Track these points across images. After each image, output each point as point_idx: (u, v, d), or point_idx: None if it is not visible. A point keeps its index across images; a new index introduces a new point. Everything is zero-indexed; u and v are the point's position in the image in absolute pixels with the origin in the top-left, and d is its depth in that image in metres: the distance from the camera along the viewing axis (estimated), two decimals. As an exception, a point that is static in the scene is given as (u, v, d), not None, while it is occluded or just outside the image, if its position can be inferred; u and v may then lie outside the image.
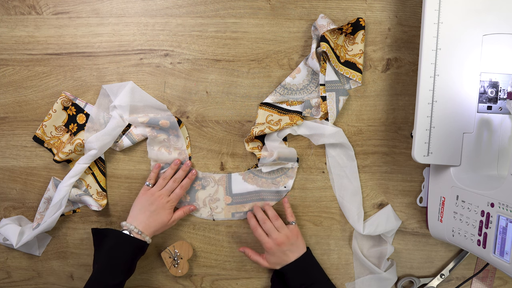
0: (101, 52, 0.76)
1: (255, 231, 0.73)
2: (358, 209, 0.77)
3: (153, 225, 0.71)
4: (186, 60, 0.76)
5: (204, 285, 0.80)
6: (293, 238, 0.72)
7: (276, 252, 0.71)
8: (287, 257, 0.72)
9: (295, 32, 0.76)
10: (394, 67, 0.77)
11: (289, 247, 0.72)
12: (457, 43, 0.64)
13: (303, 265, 0.72)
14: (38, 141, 0.76)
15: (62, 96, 0.75)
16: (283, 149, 0.75)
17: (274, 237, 0.71)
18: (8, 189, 0.78)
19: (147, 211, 0.71)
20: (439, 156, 0.65)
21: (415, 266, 0.80)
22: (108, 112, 0.75)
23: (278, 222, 0.73)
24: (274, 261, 0.73)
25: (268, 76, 0.77)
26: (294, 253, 0.72)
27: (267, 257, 0.73)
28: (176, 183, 0.74)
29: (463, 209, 0.63)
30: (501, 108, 0.65)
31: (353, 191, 0.77)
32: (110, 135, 0.73)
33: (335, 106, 0.75)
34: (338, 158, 0.77)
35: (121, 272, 0.67)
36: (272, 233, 0.72)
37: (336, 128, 0.75)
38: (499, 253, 0.56)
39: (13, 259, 0.79)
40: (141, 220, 0.70)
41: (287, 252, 0.72)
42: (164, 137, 0.76)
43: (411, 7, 0.76)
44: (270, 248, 0.71)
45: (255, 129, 0.74)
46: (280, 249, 0.71)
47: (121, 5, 0.75)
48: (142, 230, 0.69)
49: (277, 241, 0.71)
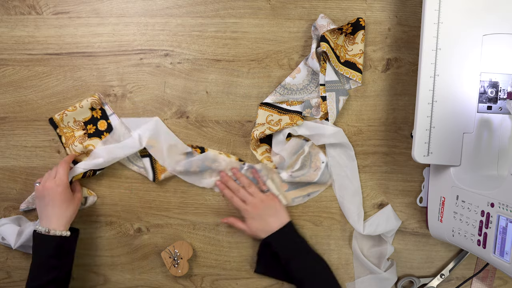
0: (101, 52, 0.76)
1: (232, 200, 0.75)
2: (358, 209, 0.77)
3: (59, 216, 0.68)
4: (186, 60, 0.76)
5: (204, 285, 0.80)
6: (269, 201, 0.74)
7: (255, 217, 0.73)
8: (267, 223, 0.73)
9: (295, 32, 0.76)
10: (394, 67, 0.77)
11: (267, 210, 0.73)
12: (457, 43, 0.64)
13: (288, 235, 0.73)
14: (52, 124, 0.76)
15: (95, 97, 0.75)
16: (289, 145, 0.75)
17: (250, 202, 0.73)
18: (8, 189, 0.78)
19: (44, 208, 0.69)
20: (439, 156, 0.65)
21: (415, 266, 0.80)
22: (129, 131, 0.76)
23: (251, 188, 0.75)
24: (256, 226, 0.73)
25: (268, 76, 0.77)
26: (274, 218, 0.73)
27: (248, 223, 0.74)
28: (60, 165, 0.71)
29: (463, 209, 0.63)
30: (501, 108, 0.65)
31: (354, 191, 0.77)
32: (122, 151, 0.74)
33: (335, 106, 0.75)
34: (338, 158, 0.77)
35: (53, 268, 0.66)
36: (247, 198, 0.73)
37: (336, 128, 0.75)
38: (499, 253, 0.56)
39: (13, 259, 0.79)
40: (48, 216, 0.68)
41: (265, 217, 0.73)
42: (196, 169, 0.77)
43: (411, 7, 0.76)
44: (248, 213, 0.73)
45: (256, 131, 0.74)
46: (258, 213, 0.72)
47: (121, 5, 0.75)
48: (51, 228, 0.67)
49: (253, 205, 0.72)
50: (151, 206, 0.79)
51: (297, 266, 0.71)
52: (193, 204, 0.79)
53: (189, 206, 0.79)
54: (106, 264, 0.79)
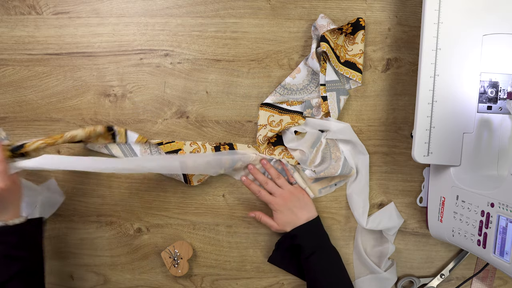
0: (101, 52, 0.76)
1: (259, 194, 0.73)
2: (364, 203, 0.77)
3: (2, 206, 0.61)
4: (186, 60, 0.76)
5: (204, 285, 0.80)
6: (298, 193, 0.73)
7: (284, 210, 0.71)
8: (296, 215, 0.71)
9: (295, 32, 0.76)
10: (394, 67, 0.77)
11: (296, 203, 0.72)
12: (457, 43, 0.64)
13: (314, 230, 0.72)
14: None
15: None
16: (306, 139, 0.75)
17: (279, 194, 0.72)
18: (8, 189, 0.78)
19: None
20: (439, 156, 0.65)
21: (415, 266, 0.80)
22: None
23: (280, 180, 0.74)
24: (284, 220, 0.72)
25: (268, 76, 0.77)
26: (303, 210, 0.72)
27: (276, 217, 0.73)
28: None
29: (463, 209, 0.63)
30: (501, 108, 0.65)
31: (363, 184, 0.77)
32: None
33: (336, 105, 0.75)
34: (350, 150, 0.77)
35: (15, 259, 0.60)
36: (276, 191, 0.72)
37: (342, 124, 0.75)
38: (499, 253, 0.56)
39: (13, 259, 0.79)
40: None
41: (294, 210, 0.71)
42: None
43: (411, 7, 0.76)
44: (278, 205, 0.71)
45: (259, 136, 0.74)
46: (287, 206, 0.71)
47: (121, 5, 0.75)
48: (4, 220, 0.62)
49: (283, 197, 0.71)
50: (151, 206, 0.79)
51: (318, 261, 0.71)
52: (193, 204, 0.79)
53: (189, 206, 0.79)
54: (106, 264, 0.79)
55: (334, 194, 0.78)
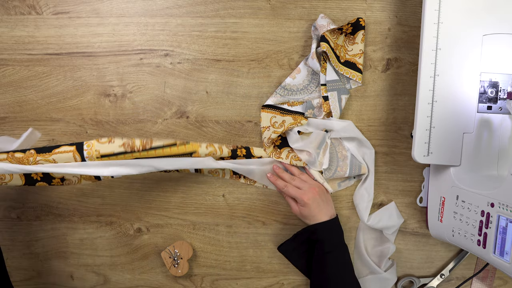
0: (101, 52, 0.76)
1: (286, 189, 0.72)
2: (369, 197, 0.77)
3: None
4: (186, 60, 0.76)
5: (204, 285, 0.80)
6: (322, 188, 0.73)
7: (312, 203, 0.70)
8: (321, 211, 0.71)
9: (295, 32, 0.76)
10: (394, 67, 0.77)
11: (324, 198, 0.72)
12: (457, 43, 0.64)
13: (335, 228, 0.72)
14: None
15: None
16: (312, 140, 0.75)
17: (307, 187, 0.71)
18: (7, 189, 0.78)
19: None
20: (439, 156, 0.65)
21: (415, 266, 0.80)
22: None
23: (304, 175, 0.74)
24: (308, 213, 0.71)
25: (268, 76, 0.77)
26: (328, 206, 0.72)
27: (302, 209, 0.71)
28: None
29: (463, 209, 0.63)
30: (501, 108, 0.65)
31: (370, 178, 0.77)
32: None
33: (338, 105, 0.75)
34: (356, 145, 0.77)
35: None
36: (304, 186, 0.72)
37: (345, 122, 0.75)
38: (499, 253, 0.56)
39: (13, 259, 0.79)
40: None
41: (321, 204, 0.71)
42: None
43: (411, 7, 0.76)
44: (307, 198, 0.70)
45: (265, 138, 0.74)
46: (316, 199, 0.70)
47: (121, 5, 0.75)
48: None
49: (312, 190, 0.70)
50: (151, 206, 0.79)
51: (336, 259, 0.70)
52: (193, 204, 0.79)
53: (189, 206, 0.79)
54: (106, 264, 0.79)
55: (334, 194, 0.78)
